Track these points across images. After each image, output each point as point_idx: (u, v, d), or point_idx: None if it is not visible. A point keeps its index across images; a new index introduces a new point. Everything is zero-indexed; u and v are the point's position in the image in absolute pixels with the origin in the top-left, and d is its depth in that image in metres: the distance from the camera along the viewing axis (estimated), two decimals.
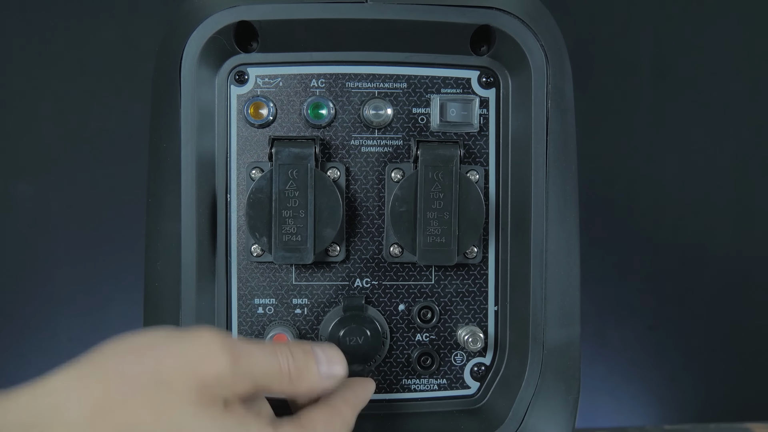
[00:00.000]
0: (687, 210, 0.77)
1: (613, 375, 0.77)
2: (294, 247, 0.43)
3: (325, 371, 0.36)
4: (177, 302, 0.43)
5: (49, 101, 0.71)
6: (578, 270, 0.45)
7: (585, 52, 0.74)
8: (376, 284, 0.46)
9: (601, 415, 0.77)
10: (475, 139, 0.46)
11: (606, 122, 0.76)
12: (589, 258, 0.69)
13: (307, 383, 0.35)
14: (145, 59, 0.69)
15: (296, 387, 0.35)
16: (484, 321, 0.47)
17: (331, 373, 0.36)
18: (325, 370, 0.36)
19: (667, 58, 0.75)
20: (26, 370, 0.36)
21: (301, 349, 0.35)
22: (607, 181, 0.76)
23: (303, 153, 0.43)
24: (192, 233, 0.43)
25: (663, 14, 0.75)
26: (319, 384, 0.36)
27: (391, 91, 0.45)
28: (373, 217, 0.46)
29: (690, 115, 0.76)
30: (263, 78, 0.45)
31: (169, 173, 0.43)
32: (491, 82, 0.46)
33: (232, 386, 0.32)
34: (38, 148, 0.71)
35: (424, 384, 0.47)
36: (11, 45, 0.70)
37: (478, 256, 0.46)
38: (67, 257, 0.72)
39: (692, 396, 0.78)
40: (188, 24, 0.43)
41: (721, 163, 0.76)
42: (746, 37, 0.76)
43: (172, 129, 0.43)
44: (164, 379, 0.30)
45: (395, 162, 0.45)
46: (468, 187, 0.44)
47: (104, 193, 0.72)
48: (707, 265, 0.77)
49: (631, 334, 0.77)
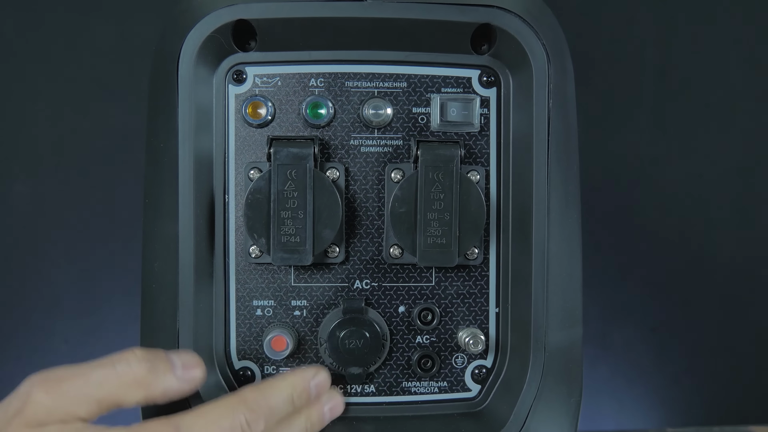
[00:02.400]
0: (691, 211, 0.76)
1: (616, 377, 0.77)
2: (293, 249, 0.42)
3: (180, 374, 0.38)
4: (174, 304, 0.43)
5: (44, 101, 0.71)
6: (580, 271, 0.45)
7: (587, 51, 0.74)
8: (375, 286, 0.46)
9: (603, 417, 0.77)
10: (476, 139, 0.45)
11: (607, 122, 0.75)
12: (591, 259, 0.69)
13: (160, 386, 0.37)
14: (142, 58, 0.68)
15: (149, 393, 0.36)
16: (485, 323, 0.46)
17: (188, 376, 0.38)
18: (180, 373, 0.38)
19: (670, 58, 0.75)
20: (23, 372, 0.36)
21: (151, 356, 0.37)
22: (609, 182, 0.75)
23: (302, 153, 0.42)
24: (190, 234, 0.43)
25: (666, 13, 0.75)
26: (176, 387, 0.38)
27: (390, 91, 0.45)
28: (373, 218, 0.45)
29: (694, 115, 0.76)
30: (261, 77, 0.45)
31: (166, 173, 0.43)
32: (492, 82, 0.45)
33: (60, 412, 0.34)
34: (33, 148, 0.71)
35: (424, 387, 0.47)
36: (4, 43, 0.70)
37: (479, 257, 0.46)
38: (63, 258, 0.71)
39: (695, 399, 0.78)
40: (185, 22, 0.42)
41: (727, 164, 0.76)
42: (751, 36, 0.75)
43: (169, 129, 0.43)
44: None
45: (395, 162, 0.45)
46: (469, 187, 0.43)
47: (101, 193, 0.71)
48: (712, 267, 0.77)
49: (634, 336, 0.77)
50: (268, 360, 0.45)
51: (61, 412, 0.34)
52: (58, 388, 0.35)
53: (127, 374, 0.36)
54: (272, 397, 0.39)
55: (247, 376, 0.45)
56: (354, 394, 0.46)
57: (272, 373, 0.46)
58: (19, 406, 0.34)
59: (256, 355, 0.45)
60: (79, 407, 0.35)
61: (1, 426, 0.34)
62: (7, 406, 0.35)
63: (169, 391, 0.37)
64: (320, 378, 0.42)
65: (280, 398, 0.39)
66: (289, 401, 0.40)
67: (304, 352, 0.46)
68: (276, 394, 0.39)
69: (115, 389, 0.36)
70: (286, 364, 0.46)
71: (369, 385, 0.46)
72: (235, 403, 0.38)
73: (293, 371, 0.42)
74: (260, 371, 0.46)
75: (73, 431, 0.34)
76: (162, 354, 0.38)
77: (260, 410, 0.38)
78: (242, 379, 0.45)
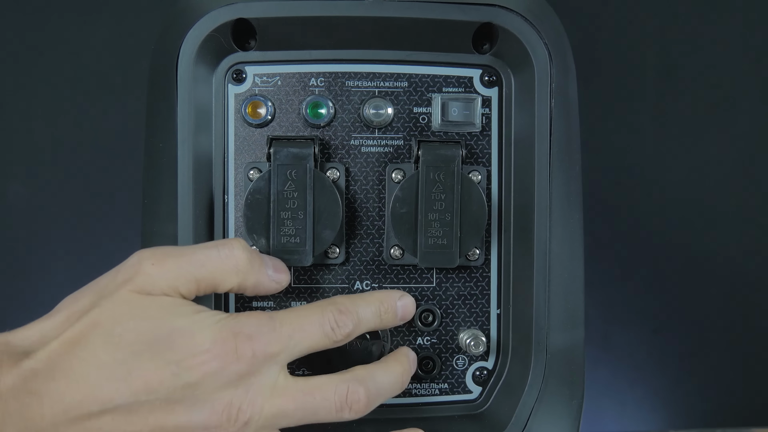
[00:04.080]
0: (694, 212, 0.76)
1: (618, 379, 0.76)
2: (293, 249, 0.42)
3: (271, 274, 0.40)
4: None
5: (41, 100, 0.71)
6: (582, 272, 0.45)
7: (589, 50, 0.74)
8: (376, 287, 0.45)
9: (605, 420, 0.77)
10: (478, 139, 0.45)
11: (609, 122, 0.75)
12: (593, 260, 0.68)
13: (253, 278, 0.39)
14: (141, 57, 0.68)
15: (243, 281, 0.39)
16: (486, 324, 0.46)
17: (277, 278, 0.41)
18: (271, 273, 0.40)
19: (672, 57, 0.75)
20: None
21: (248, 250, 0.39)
22: (611, 182, 0.75)
23: (302, 153, 0.42)
24: (189, 235, 0.42)
25: (668, 12, 0.74)
26: (266, 283, 0.40)
27: (391, 90, 0.45)
28: (374, 219, 0.45)
29: (696, 115, 0.75)
30: (261, 77, 0.44)
31: (165, 174, 0.43)
32: (494, 81, 0.45)
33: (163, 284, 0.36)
34: (31, 148, 0.71)
35: (425, 388, 0.46)
36: (1, 43, 0.70)
37: (480, 258, 0.45)
38: (61, 259, 0.71)
39: (698, 400, 0.77)
40: (185, 21, 0.42)
41: (729, 164, 0.76)
42: (753, 35, 0.75)
43: (168, 129, 0.42)
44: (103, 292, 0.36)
45: (396, 162, 0.45)
46: (470, 187, 0.43)
47: (99, 194, 0.71)
48: (714, 268, 0.76)
49: (636, 337, 0.76)
50: None
51: (164, 285, 0.36)
52: (165, 262, 0.37)
53: (229, 259, 0.38)
54: (361, 306, 0.40)
55: None
56: None
57: None
58: (130, 274, 0.36)
59: None
60: (181, 283, 0.37)
61: (111, 290, 0.36)
62: (116, 273, 0.37)
63: (260, 285, 0.40)
64: (407, 300, 0.43)
65: (369, 310, 0.41)
66: (377, 314, 0.41)
67: None
68: (365, 305, 0.41)
69: (214, 271, 0.38)
70: None
71: None
72: (326, 304, 0.39)
73: (380, 291, 0.44)
74: None
75: (175, 304, 0.36)
76: (258, 252, 0.40)
77: (349, 314, 0.39)
78: None
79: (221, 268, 0.38)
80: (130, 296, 0.36)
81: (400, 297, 0.43)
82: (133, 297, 0.36)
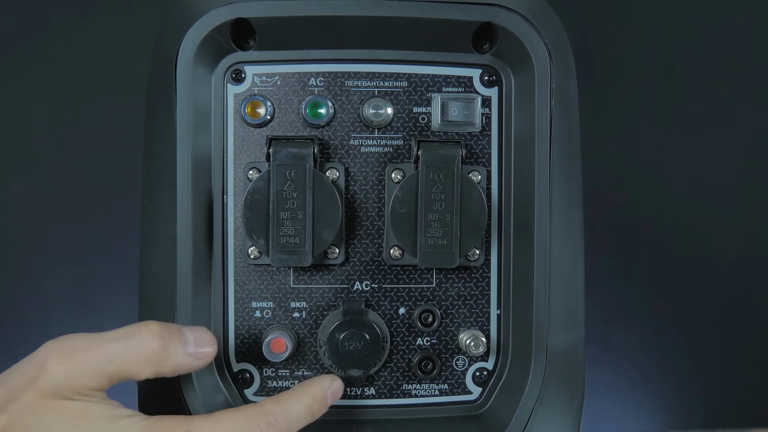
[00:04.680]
0: (695, 213, 0.76)
1: (618, 380, 0.76)
2: (292, 250, 0.42)
3: (192, 351, 0.38)
4: (172, 305, 0.42)
5: (41, 101, 0.71)
6: (582, 273, 0.45)
7: (589, 49, 0.74)
8: (376, 287, 0.45)
9: (606, 421, 0.77)
10: (477, 138, 0.45)
11: (609, 122, 0.75)
12: (593, 260, 0.68)
13: (170, 364, 0.37)
14: (140, 57, 0.68)
15: (159, 368, 0.37)
16: (486, 325, 0.46)
17: (199, 354, 0.38)
18: (192, 350, 0.38)
19: (673, 56, 0.75)
20: None
21: (165, 332, 0.37)
22: (612, 183, 0.75)
23: (301, 153, 0.42)
24: (188, 235, 0.42)
25: (669, 11, 0.74)
26: (187, 363, 0.38)
27: (391, 90, 0.45)
28: (373, 219, 0.45)
29: (698, 114, 0.75)
30: (260, 76, 0.44)
31: (164, 174, 0.43)
32: (494, 81, 0.45)
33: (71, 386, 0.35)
34: (30, 149, 0.71)
35: (425, 389, 0.46)
36: (2, 44, 0.70)
37: (480, 258, 0.45)
38: (60, 260, 0.71)
39: (699, 401, 0.77)
40: (184, 21, 0.42)
41: (730, 165, 0.76)
42: (756, 34, 0.75)
43: (167, 129, 0.42)
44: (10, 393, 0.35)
45: (395, 162, 0.45)
46: (470, 187, 0.43)
47: (98, 194, 0.71)
48: (715, 269, 0.76)
49: (637, 338, 0.76)
50: (266, 362, 0.45)
51: (72, 386, 0.35)
52: (72, 360, 0.35)
53: (140, 350, 0.36)
54: (292, 408, 0.39)
55: (245, 379, 0.45)
56: (354, 396, 0.46)
57: (271, 375, 0.45)
58: (35, 375, 0.35)
59: (254, 358, 0.45)
60: (91, 380, 0.36)
61: (18, 391, 0.35)
62: (23, 371, 0.36)
63: (180, 367, 0.38)
64: (336, 386, 0.42)
65: (300, 409, 0.39)
66: (309, 412, 0.40)
67: (303, 355, 0.45)
68: (296, 405, 0.39)
69: (126, 364, 0.36)
70: (285, 366, 0.45)
71: (369, 387, 0.46)
72: (254, 416, 0.38)
73: (310, 382, 0.42)
74: (259, 374, 0.45)
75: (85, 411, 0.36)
76: (176, 329, 0.38)
77: (278, 424, 0.38)
78: (240, 382, 0.45)
79: (131, 360, 0.36)
80: (37, 402, 0.35)
81: (331, 383, 0.42)
82: (41, 403, 0.35)
